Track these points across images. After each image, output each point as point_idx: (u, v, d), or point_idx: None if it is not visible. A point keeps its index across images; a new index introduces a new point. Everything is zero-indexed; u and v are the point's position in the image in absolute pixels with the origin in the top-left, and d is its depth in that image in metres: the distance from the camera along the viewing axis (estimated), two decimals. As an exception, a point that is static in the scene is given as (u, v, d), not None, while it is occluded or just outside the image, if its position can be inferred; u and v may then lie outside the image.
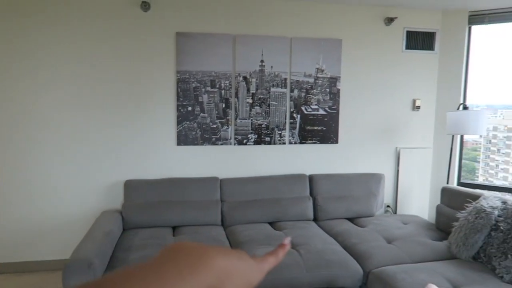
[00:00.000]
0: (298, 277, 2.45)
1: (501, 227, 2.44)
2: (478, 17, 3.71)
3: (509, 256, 2.31)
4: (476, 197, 2.87)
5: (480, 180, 4.17)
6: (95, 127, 3.30)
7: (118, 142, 3.35)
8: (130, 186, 3.23)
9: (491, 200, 2.63)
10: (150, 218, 3.11)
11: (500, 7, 3.58)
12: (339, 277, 2.51)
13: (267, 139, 3.58)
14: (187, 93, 3.39)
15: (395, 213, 3.95)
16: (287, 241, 0.50)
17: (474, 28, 3.77)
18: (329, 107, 3.68)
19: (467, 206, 2.79)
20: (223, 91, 3.45)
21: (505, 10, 3.59)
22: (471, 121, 3.22)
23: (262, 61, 3.48)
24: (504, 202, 2.61)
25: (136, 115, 3.35)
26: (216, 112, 3.46)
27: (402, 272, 2.37)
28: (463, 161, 3.98)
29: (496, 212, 2.52)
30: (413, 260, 2.63)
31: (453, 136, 3.66)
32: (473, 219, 2.58)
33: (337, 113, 3.71)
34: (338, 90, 3.68)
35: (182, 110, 3.40)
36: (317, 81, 3.62)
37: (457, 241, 2.66)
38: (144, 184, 3.24)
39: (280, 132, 3.60)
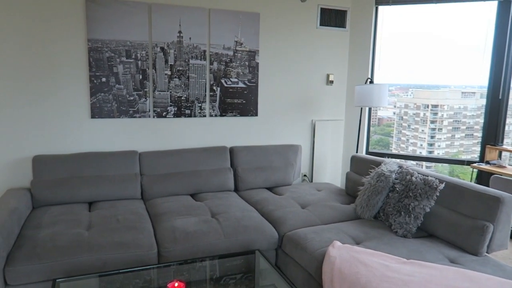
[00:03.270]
0: (217, 242, 2.53)
1: (397, 188, 2.74)
2: (384, -2, 4.00)
3: (402, 213, 2.62)
4: (379, 164, 3.17)
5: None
6: (-5, 98, 3.01)
7: (25, 115, 3.10)
8: (40, 162, 3.03)
9: (390, 165, 2.92)
10: (62, 194, 2.96)
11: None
12: (256, 241, 2.64)
13: (187, 111, 3.57)
14: (101, 63, 3.22)
15: (311, 181, 4.21)
16: None
17: (381, 8, 4.05)
18: (249, 80, 3.76)
19: (370, 172, 3.07)
20: (139, 62, 3.33)
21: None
22: (375, 94, 3.51)
23: (180, 31, 3.41)
24: (400, 167, 2.92)
25: (45, 87, 3.12)
26: (133, 83, 3.35)
27: (312, 232, 2.57)
28: (379, 136, 4.34)
29: (394, 175, 2.82)
30: (323, 222, 2.85)
31: (361, 108, 3.96)
32: (374, 182, 2.86)
33: (256, 86, 3.80)
34: (257, 64, 3.76)
35: (95, 81, 3.23)
36: (236, 54, 3.66)
37: (361, 203, 2.93)
38: (56, 159, 3.06)
39: (200, 104, 3.60)
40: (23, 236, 2.37)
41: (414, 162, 4.19)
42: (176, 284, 1.90)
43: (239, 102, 3.75)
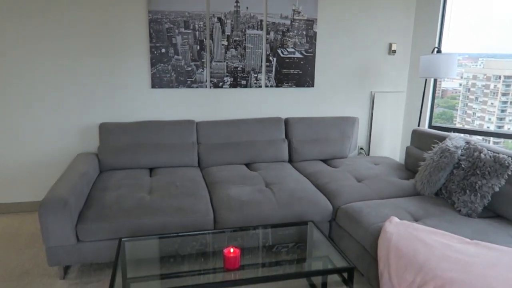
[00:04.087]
0: (270, 212, 2.56)
1: (463, 165, 2.58)
2: (458, -43, 3.63)
3: (467, 191, 2.46)
4: (443, 139, 2.99)
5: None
6: (67, 70, 3.21)
7: (91, 85, 3.28)
8: (105, 129, 3.22)
9: (456, 141, 2.74)
10: (126, 160, 3.14)
11: None
12: (310, 213, 2.64)
13: (243, 82, 3.57)
14: (160, 34, 3.29)
15: (368, 155, 4.09)
16: None
17: (454, -31, 3.70)
18: (306, 50, 3.66)
19: (433, 147, 2.91)
20: (197, 33, 3.36)
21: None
22: (443, 65, 3.26)
23: (237, 1, 3.37)
24: (467, 142, 2.73)
25: (109, 58, 3.26)
26: (191, 54, 3.39)
27: (368, 207, 2.51)
28: (442, 109, 4.09)
29: (459, 152, 2.65)
30: (380, 197, 2.77)
31: (426, 80, 3.72)
32: (438, 158, 2.71)
33: (314, 56, 3.69)
34: (315, 33, 3.64)
35: (155, 52, 3.32)
36: (294, 23, 3.56)
37: (422, 179, 2.80)
38: (119, 127, 3.23)
39: (256, 75, 3.58)
40: (92, 198, 2.56)
41: (480, 138, 3.90)
42: (232, 250, 1.96)
43: (295, 72, 3.68)
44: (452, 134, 2.90)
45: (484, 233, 2.17)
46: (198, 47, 3.40)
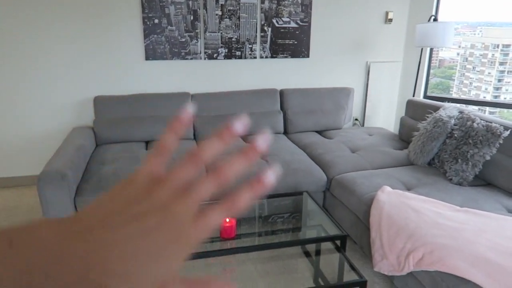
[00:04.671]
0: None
1: (455, 135, 2.60)
2: None
3: (459, 160, 2.50)
4: (437, 109, 3.00)
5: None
6: (60, 43, 3.15)
7: (84, 58, 3.24)
8: (100, 102, 3.20)
9: (449, 110, 2.76)
10: (122, 133, 3.14)
11: None
12: (304, 183, 2.69)
13: (238, 53, 3.53)
14: (153, 4, 3.22)
15: (363, 125, 4.11)
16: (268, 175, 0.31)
17: None
18: (301, 20, 3.60)
19: (427, 117, 2.92)
20: (190, 2, 3.29)
21: None
22: (439, 34, 3.23)
23: (230, -32, 3.29)
24: (461, 112, 2.75)
25: (101, 30, 3.20)
26: (184, 25, 3.34)
27: (361, 177, 2.55)
28: (439, 79, 4.07)
29: (453, 121, 2.67)
30: (373, 167, 2.81)
31: (422, 49, 3.69)
32: (431, 128, 2.73)
33: (309, 26, 3.64)
34: (310, 2, 3.57)
35: (148, 23, 3.26)
36: (289, -9, 3.49)
37: (415, 149, 2.83)
38: (114, 100, 3.22)
39: (251, 46, 3.54)
40: (89, 171, 2.59)
41: (476, 107, 3.92)
42: (228, 220, 2.01)
43: (291, 43, 3.64)
44: (446, 104, 2.91)
45: (474, 200, 2.23)
46: (192, 17, 3.33)
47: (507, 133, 2.35)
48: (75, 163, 2.46)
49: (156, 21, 3.27)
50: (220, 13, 3.38)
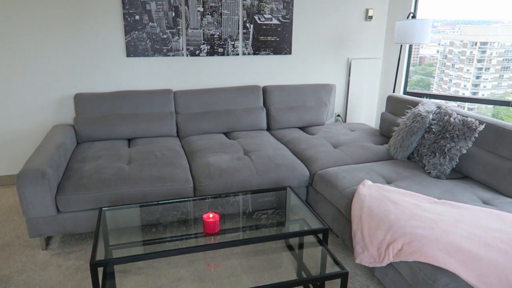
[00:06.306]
0: (249, 179, 2.62)
1: (433, 129, 2.67)
2: None
3: (437, 154, 2.57)
4: (416, 104, 3.07)
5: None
6: (38, 40, 3.09)
7: (64, 55, 3.19)
8: (81, 100, 3.16)
9: (427, 106, 2.83)
10: (103, 131, 3.11)
11: None
12: (287, 179, 2.71)
13: (220, 50, 3.53)
14: (133, 0, 3.19)
15: (345, 121, 4.17)
16: None
17: None
18: (283, 17, 3.62)
19: (406, 112, 2.99)
20: (171, -2, 3.27)
21: None
22: (417, 31, 3.30)
23: (212, -35, 3.28)
24: (438, 107, 2.82)
25: (81, 26, 3.16)
26: (166, 21, 3.32)
27: (343, 171, 2.59)
28: (420, 76, 4.15)
29: (431, 116, 2.73)
30: (355, 162, 2.86)
31: (401, 46, 3.76)
32: (410, 123, 2.79)
33: (291, 23, 3.66)
34: (292, -2, 3.59)
35: (129, 19, 3.23)
36: (270, -12, 3.50)
37: (395, 144, 2.89)
38: (95, 97, 3.18)
39: (233, 42, 3.55)
40: (70, 169, 2.56)
41: (455, 104, 4.02)
42: (211, 215, 2.02)
43: (273, 39, 3.66)
44: (425, 100, 2.98)
45: (451, 193, 2.29)
46: (173, 14, 3.32)
47: (482, 127, 2.43)
48: (56, 161, 2.43)
49: (137, 17, 3.24)
50: (202, 9, 3.37)
